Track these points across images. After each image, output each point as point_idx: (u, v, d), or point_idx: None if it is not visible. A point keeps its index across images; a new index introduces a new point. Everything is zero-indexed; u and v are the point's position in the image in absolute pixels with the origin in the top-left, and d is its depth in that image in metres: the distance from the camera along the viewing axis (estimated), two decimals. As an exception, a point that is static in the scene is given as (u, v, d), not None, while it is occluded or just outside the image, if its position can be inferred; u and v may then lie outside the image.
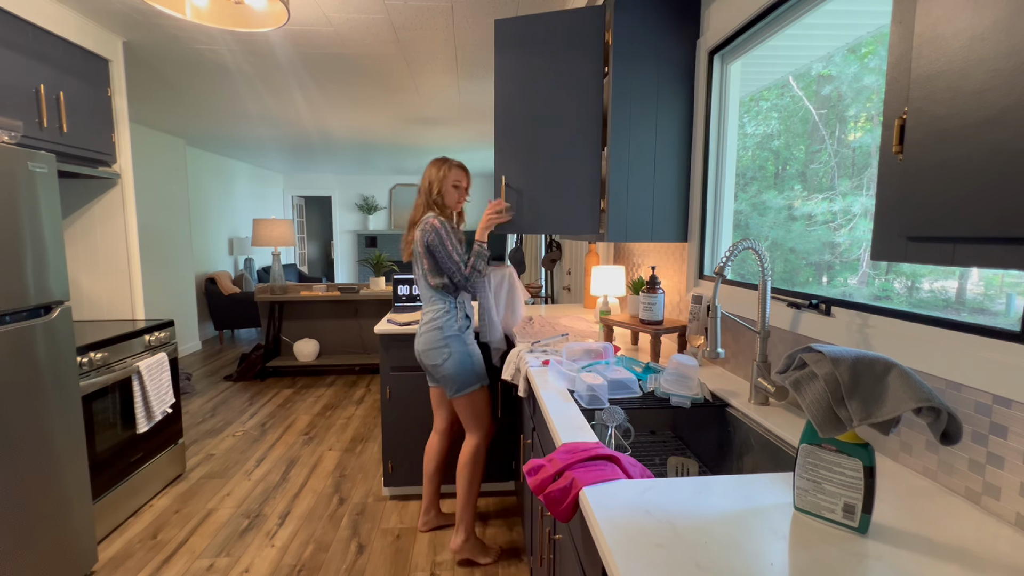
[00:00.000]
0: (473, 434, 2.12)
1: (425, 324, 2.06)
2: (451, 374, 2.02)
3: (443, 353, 2.01)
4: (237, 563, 2.13)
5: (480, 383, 2.08)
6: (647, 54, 1.81)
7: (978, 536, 0.77)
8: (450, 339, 2.02)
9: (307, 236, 10.15)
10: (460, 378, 2.03)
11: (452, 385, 2.04)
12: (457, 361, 2.02)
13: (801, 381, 0.81)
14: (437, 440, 2.27)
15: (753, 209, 1.81)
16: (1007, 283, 1.01)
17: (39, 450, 1.79)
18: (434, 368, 2.04)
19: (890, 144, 0.66)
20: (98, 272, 2.75)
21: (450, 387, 2.04)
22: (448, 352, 2.01)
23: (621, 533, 0.77)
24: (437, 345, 2.02)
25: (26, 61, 2.11)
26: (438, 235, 1.95)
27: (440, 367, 2.02)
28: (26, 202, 1.76)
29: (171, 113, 4.37)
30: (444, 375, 2.03)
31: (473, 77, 3.37)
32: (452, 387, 2.04)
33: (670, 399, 1.43)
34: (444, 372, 2.02)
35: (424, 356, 2.06)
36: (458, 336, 2.04)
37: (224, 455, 3.16)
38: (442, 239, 1.96)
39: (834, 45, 1.45)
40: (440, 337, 2.02)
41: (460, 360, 2.03)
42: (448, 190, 2.07)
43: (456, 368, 2.02)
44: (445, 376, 2.03)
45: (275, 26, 1.86)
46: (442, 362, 2.02)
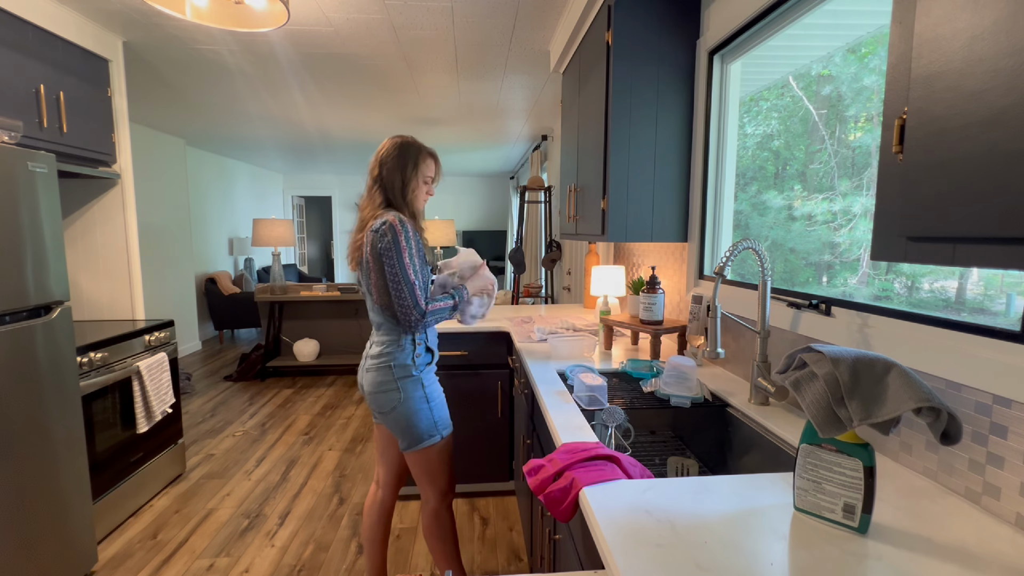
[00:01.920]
0: (430, 496, 1.68)
1: (372, 358, 1.59)
2: (404, 424, 1.58)
3: (392, 398, 1.57)
4: (237, 563, 2.13)
5: (440, 434, 1.63)
6: (647, 54, 1.81)
7: (978, 536, 0.77)
8: (403, 381, 1.57)
9: (307, 236, 10.15)
10: (414, 429, 1.59)
11: (404, 437, 1.60)
12: (412, 409, 1.57)
13: (801, 381, 0.81)
14: (380, 496, 1.80)
15: (753, 209, 1.81)
16: (1007, 283, 1.01)
17: (39, 450, 1.79)
18: (382, 416, 1.61)
19: (890, 144, 0.66)
20: (98, 272, 2.75)
21: (402, 439, 1.61)
22: (399, 397, 1.56)
23: (621, 533, 0.77)
24: (386, 387, 1.57)
25: (26, 61, 2.11)
26: (395, 242, 1.48)
27: (389, 415, 1.58)
28: (26, 202, 1.76)
29: (171, 113, 4.37)
30: (395, 424, 1.59)
31: (473, 77, 3.37)
32: (404, 439, 1.60)
33: (670, 399, 1.43)
34: (395, 421, 1.59)
35: (370, 399, 1.61)
36: (414, 378, 1.59)
37: (224, 455, 3.16)
38: (399, 247, 1.48)
39: (834, 45, 1.45)
40: (390, 378, 1.57)
41: (415, 408, 1.58)
42: (419, 186, 1.63)
43: (410, 416, 1.58)
44: (396, 426, 1.59)
45: (275, 26, 1.86)
46: (391, 409, 1.57)
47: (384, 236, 1.49)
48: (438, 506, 1.70)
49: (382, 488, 1.80)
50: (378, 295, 1.56)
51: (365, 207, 1.62)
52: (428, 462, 1.63)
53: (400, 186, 1.59)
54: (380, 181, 1.60)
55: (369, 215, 1.58)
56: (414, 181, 1.61)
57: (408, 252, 1.49)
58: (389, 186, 1.59)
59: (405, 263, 1.49)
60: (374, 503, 1.81)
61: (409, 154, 1.60)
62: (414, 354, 1.60)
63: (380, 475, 1.81)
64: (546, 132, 5.10)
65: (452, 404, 2.48)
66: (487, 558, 2.18)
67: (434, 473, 1.66)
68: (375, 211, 1.58)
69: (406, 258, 1.49)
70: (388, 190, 1.59)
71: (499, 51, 2.89)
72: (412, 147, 1.62)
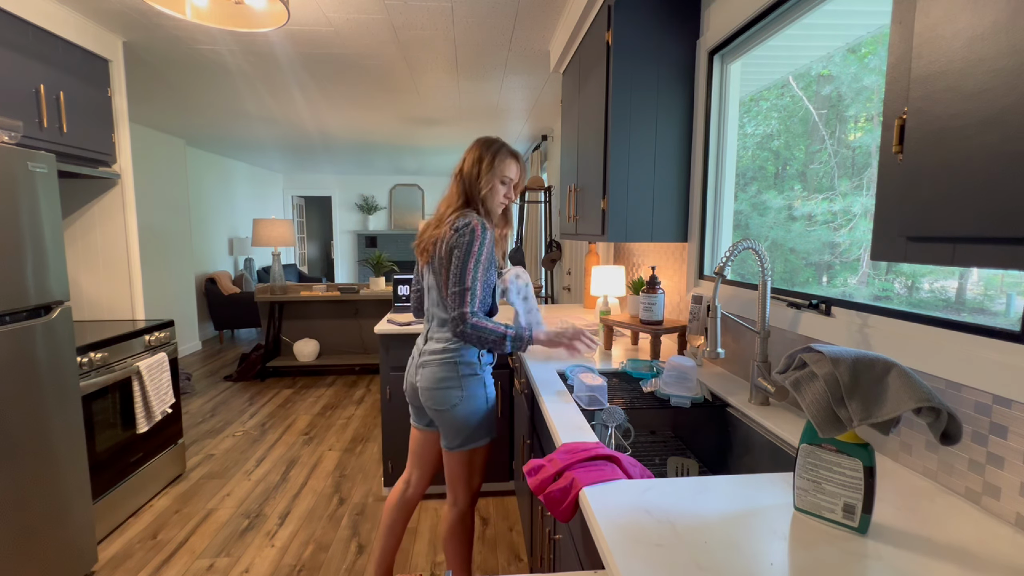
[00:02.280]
0: (459, 498, 1.65)
1: (434, 353, 1.56)
2: (460, 423, 1.56)
3: (454, 396, 1.54)
4: (237, 563, 2.13)
5: (489, 437, 1.63)
6: (647, 54, 1.81)
7: (978, 536, 0.77)
8: (468, 378, 1.55)
9: (307, 236, 10.14)
10: (469, 429, 1.57)
11: (456, 436, 1.58)
12: (471, 408, 1.56)
13: (801, 381, 0.81)
14: (410, 494, 1.78)
15: (753, 209, 1.81)
16: (1007, 283, 1.01)
17: (39, 450, 1.79)
18: (438, 413, 1.57)
19: (890, 144, 0.66)
20: (98, 272, 2.75)
21: (452, 438, 1.58)
22: (461, 395, 1.54)
23: (621, 533, 0.77)
24: (448, 384, 1.53)
25: (26, 61, 2.11)
26: (471, 243, 1.45)
27: (446, 412, 1.55)
28: (26, 202, 1.76)
29: (171, 113, 4.37)
30: (450, 423, 1.57)
31: (473, 77, 3.37)
32: (455, 439, 1.58)
33: (670, 399, 1.43)
34: (451, 419, 1.56)
35: (426, 396, 1.57)
36: (478, 376, 1.57)
37: (224, 455, 3.16)
38: (471, 249, 1.45)
39: (834, 45, 1.45)
40: (455, 374, 1.54)
41: (475, 407, 1.56)
42: (495, 186, 1.57)
43: (468, 416, 1.56)
44: (451, 424, 1.57)
45: (275, 26, 1.86)
46: (451, 407, 1.54)
47: (463, 236, 1.47)
48: (466, 509, 1.67)
49: (412, 488, 1.79)
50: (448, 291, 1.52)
51: (444, 203, 1.60)
52: (471, 463, 1.62)
53: (474, 179, 1.55)
54: (460, 176, 1.58)
55: (447, 212, 1.56)
56: (488, 176, 1.55)
57: (478, 256, 1.46)
58: (467, 180, 1.56)
59: (469, 265, 1.46)
60: (402, 501, 1.79)
61: (488, 150, 1.57)
62: (480, 352, 1.58)
63: (413, 476, 1.78)
64: (546, 132, 5.10)
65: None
66: (487, 558, 2.18)
67: (472, 475, 1.64)
68: (453, 208, 1.55)
69: (473, 262, 1.46)
70: (466, 184, 1.56)
71: (499, 51, 2.89)
72: (494, 144, 1.59)
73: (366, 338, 4.91)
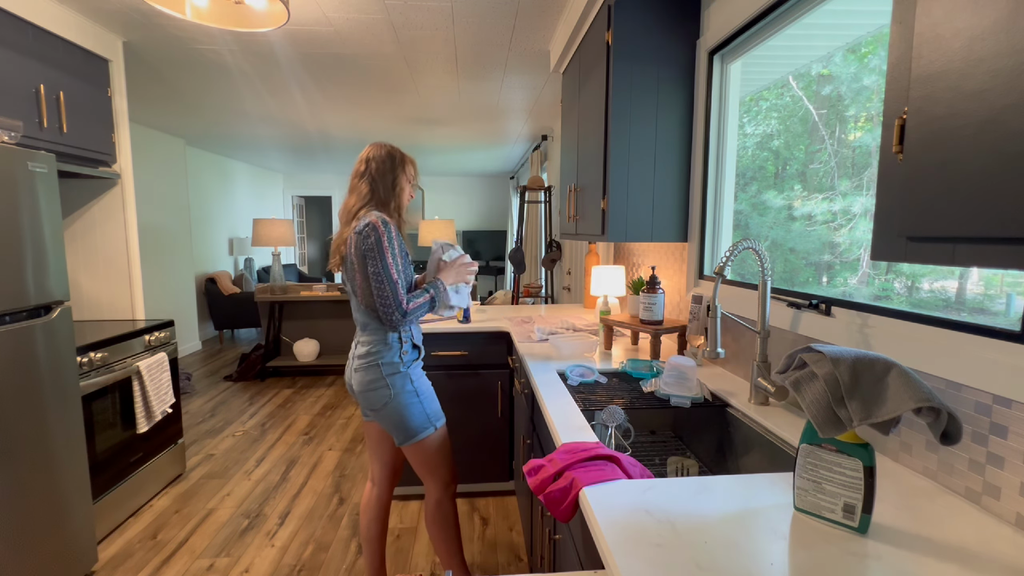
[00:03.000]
0: (432, 487, 1.72)
1: (360, 358, 1.62)
2: (397, 419, 1.61)
3: (383, 395, 1.60)
4: (237, 563, 2.13)
5: (434, 426, 1.67)
6: (647, 54, 1.81)
7: (978, 536, 0.77)
8: (392, 377, 1.61)
9: (307, 236, 10.14)
10: (408, 423, 1.62)
11: (399, 432, 1.63)
12: (402, 403, 1.61)
13: (801, 381, 0.81)
14: (376, 493, 1.82)
15: (753, 209, 1.81)
16: (1007, 283, 1.01)
17: (39, 450, 1.79)
18: (375, 413, 1.64)
19: (890, 144, 0.66)
20: (98, 272, 2.75)
21: (398, 434, 1.64)
22: (389, 393, 1.60)
23: (621, 533, 0.77)
24: (376, 386, 1.60)
25: (26, 61, 2.11)
26: (379, 241, 1.51)
27: (381, 412, 1.62)
28: (26, 202, 1.76)
29: (171, 113, 4.37)
30: (388, 421, 1.63)
31: (473, 77, 3.37)
32: (400, 434, 1.64)
33: (670, 399, 1.43)
34: (388, 417, 1.62)
35: (362, 399, 1.64)
36: (402, 374, 1.62)
37: (224, 455, 3.16)
38: (382, 247, 1.51)
39: (834, 45, 1.45)
40: (378, 376, 1.60)
41: (406, 402, 1.61)
42: (405, 186, 1.70)
43: (401, 411, 1.61)
44: (390, 422, 1.63)
45: (275, 26, 1.86)
46: (383, 406, 1.61)
47: (367, 237, 1.52)
48: (441, 496, 1.73)
49: (377, 485, 1.83)
50: (363, 295, 1.59)
51: (349, 203, 1.66)
52: (426, 454, 1.67)
53: (391, 182, 1.66)
54: (368, 176, 1.65)
55: (353, 210, 1.63)
56: (403, 179, 1.69)
57: (391, 252, 1.53)
58: (380, 180, 1.65)
59: (388, 263, 1.52)
60: (370, 500, 1.83)
61: (397, 155, 1.69)
62: (401, 351, 1.63)
63: (374, 472, 1.83)
64: (546, 132, 5.10)
65: (452, 404, 2.48)
66: (487, 558, 2.18)
67: (433, 464, 1.70)
68: (360, 206, 1.63)
69: (388, 258, 1.52)
70: (378, 184, 1.65)
71: (499, 51, 2.89)
72: (398, 150, 1.71)
73: (366, 338, 4.90)
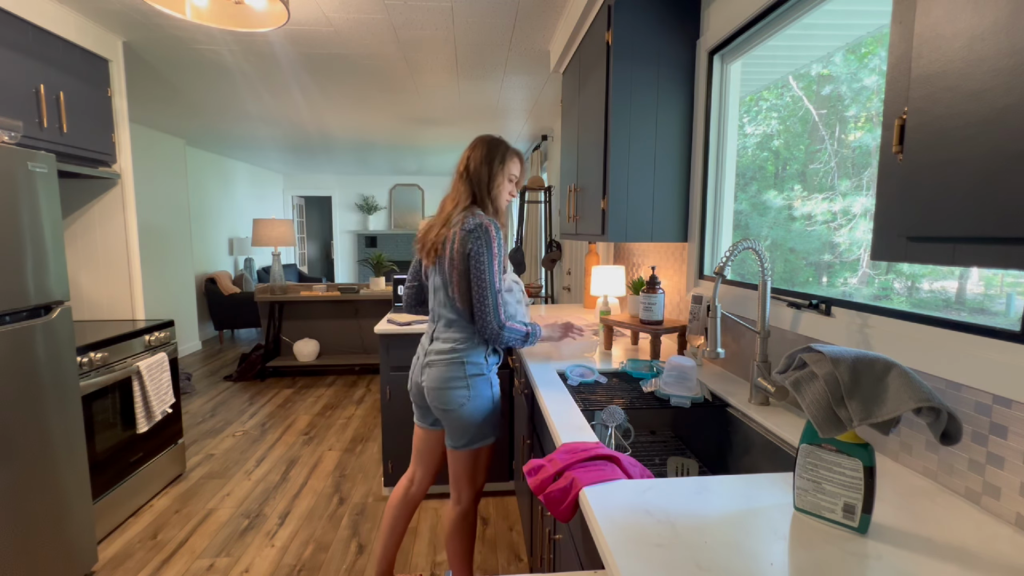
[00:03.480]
0: (463, 495, 1.68)
1: (440, 354, 1.57)
2: (466, 423, 1.57)
3: (461, 396, 1.55)
4: (237, 563, 2.13)
5: (495, 436, 1.65)
6: (647, 54, 1.81)
7: (978, 536, 0.77)
8: (474, 378, 1.56)
9: (307, 236, 10.14)
10: (475, 429, 1.58)
11: (462, 436, 1.59)
12: (477, 408, 1.57)
13: (801, 381, 0.81)
14: (412, 492, 1.79)
15: (753, 209, 1.81)
16: (1007, 283, 1.01)
17: (39, 450, 1.79)
18: (445, 412, 1.58)
19: (890, 144, 0.66)
20: (98, 272, 2.74)
21: (459, 437, 1.60)
22: (468, 395, 1.55)
23: (621, 533, 0.77)
24: (455, 384, 1.54)
25: (26, 61, 2.11)
26: (488, 245, 1.47)
27: (454, 412, 1.56)
28: (26, 202, 1.76)
29: (171, 113, 4.37)
30: (456, 422, 1.58)
31: (473, 77, 3.37)
32: (461, 438, 1.59)
33: (670, 399, 1.43)
34: (458, 419, 1.57)
35: (433, 396, 1.57)
36: (485, 377, 1.58)
37: (224, 455, 3.16)
38: (491, 253, 1.48)
39: (834, 45, 1.45)
40: (462, 374, 1.55)
41: (481, 407, 1.57)
42: (504, 183, 1.61)
43: (474, 415, 1.57)
44: (458, 424, 1.58)
45: (275, 26, 1.86)
46: (458, 407, 1.55)
47: (478, 239, 1.48)
48: (469, 507, 1.70)
49: (416, 485, 1.80)
50: (460, 296, 1.54)
51: (450, 202, 1.60)
52: (475, 462, 1.65)
53: (487, 180, 1.58)
54: (467, 175, 1.59)
55: (455, 211, 1.56)
56: (500, 177, 1.59)
57: (498, 260, 1.50)
58: (476, 181, 1.58)
59: (495, 270, 1.49)
60: (404, 498, 1.80)
61: (497, 150, 1.60)
62: (487, 352, 1.60)
63: (417, 475, 1.80)
64: (546, 132, 5.10)
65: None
66: (487, 558, 2.18)
67: (476, 474, 1.67)
68: (462, 207, 1.56)
69: (496, 266, 1.49)
70: (474, 184, 1.58)
71: (499, 51, 2.89)
72: (500, 144, 1.62)
73: (366, 338, 4.91)
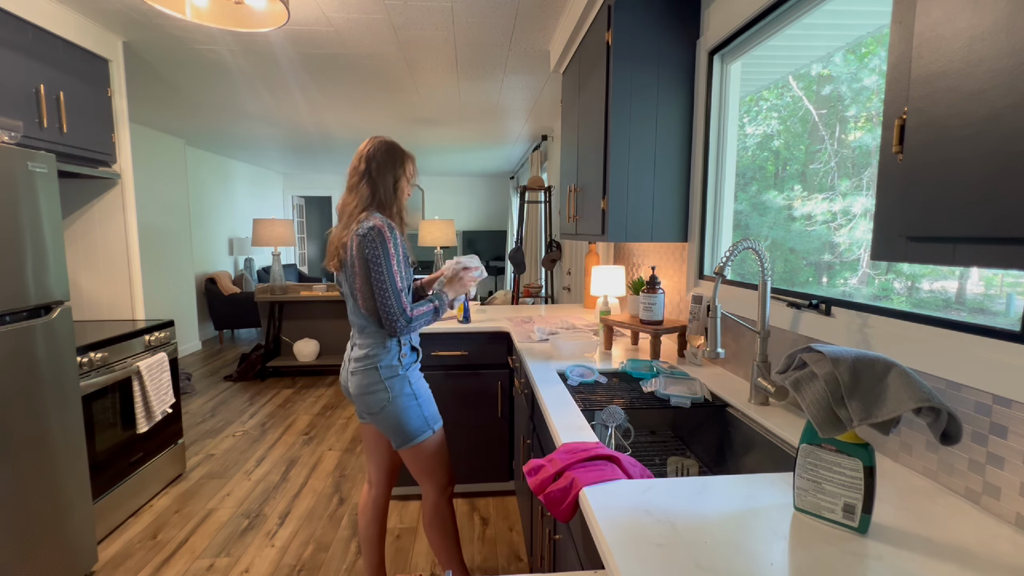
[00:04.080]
0: (429, 490, 1.70)
1: (358, 360, 1.60)
2: (394, 423, 1.60)
3: (381, 398, 1.58)
4: (237, 563, 2.13)
5: (432, 429, 1.65)
6: (647, 54, 1.81)
7: (978, 536, 0.77)
8: (390, 380, 1.59)
9: (307, 236, 10.14)
10: (405, 427, 1.60)
11: (397, 435, 1.62)
12: (401, 406, 1.59)
13: (801, 381, 0.81)
14: (373, 495, 1.81)
15: (753, 209, 1.81)
16: (1007, 283, 1.01)
17: (39, 450, 1.79)
18: (372, 416, 1.62)
19: (890, 144, 0.66)
20: (98, 272, 2.75)
21: (395, 438, 1.62)
22: (388, 396, 1.58)
23: (621, 533, 0.77)
24: (373, 389, 1.58)
25: (26, 61, 2.11)
26: (383, 246, 1.48)
27: (379, 415, 1.60)
28: (26, 202, 1.76)
29: (171, 113, 4.37)
30: (386, 424, 1.61)
31: (473, 77, 3.37)
32: (397, 438, 1.62)
33: (670, 399, 1.43)
34: (385, 421, 1.60)
35: (359, 402, 1.62)
36: (400, 376, 1.60)
37: (224, 455, 3.16)
38: (387, 253, 1.49)
39: (834, 45, 1.45)
40: (376, 379, 1.58)
41: (404, 405, 1.59)
42: (405, 186, 1.65)
43: (399, 414, 1.59)
44: (387, 425, 1.61)
45: (275, 26, 1.86)
46: (381, 409, 1.59)
47: (372, 242, 1.49)
48: (438, 500, 1.71)
49: (375, 487, 1.81)
50: (363, 300, 1.56)
51: (348, 203, 1.60)
52: (424, 457, 1.66)
53: (392, 183, 1.62)
54: (368, 176, 1.59)
55: (354, 212, 1.57)
56: (403, 180, 1.65)
57: (396, 258, 1.51)
58: (380, 182, 1.60)
59: (393, 270, 1.50)
60: (368, 502, 1.82)
61: (397, 153, 1.64)
62: (399, 354, 1.61)
63: (371, 474, 1.81)
64: (546, 132, 5.10)
65: (452, 404, 2.48)
66: (487, 558, 2.18)
67: (431, 468, 1.68)
68: (361, 208, 1.57)
69: (393, 264, 1.50)
70: (378, 186, 1.60)
71: (499, 51, 2.89)
72: (398, 147, 1.65)
73: (366, 338, 4.90)
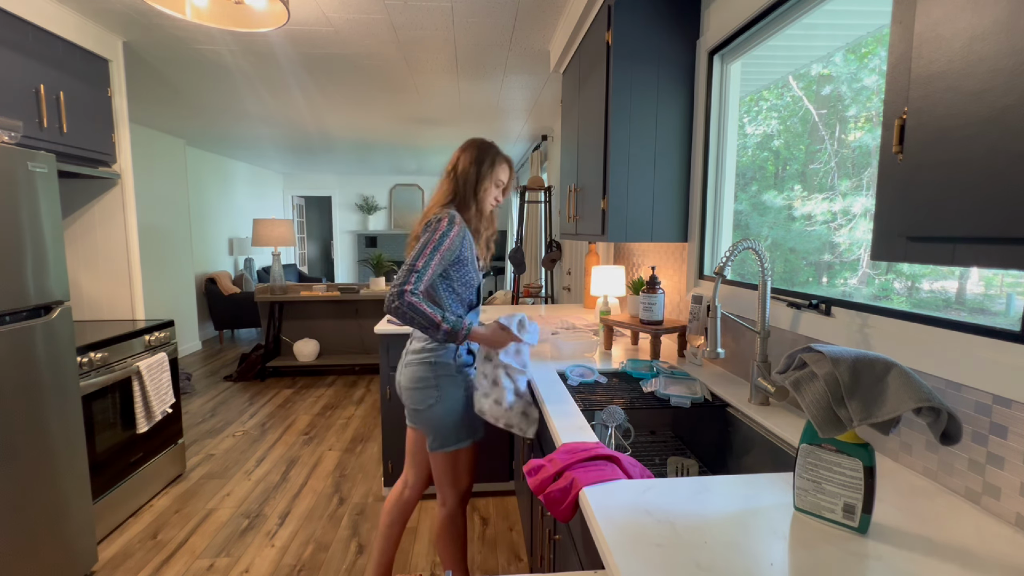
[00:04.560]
0: (448, 497, 1.67)
1: (414, 353, 1.58)
2: (437, 424, 1.58)
3: (430, 396, 1.56)
4: (237, 563, 2.13)
5: (471, 439, 1.63)
6: (647, 54, 1.81)
7: (978, 536, 0.77)
8: (443, 379, 1.56)
9: (307, 236, 10.14)
10: (447, 431, 1.58)
11: (435, 437, 1.59)
12: (447, 409, 1.57)
13: (801, 381, 0.81)
14: (406, 496, 1.78)
15: (753, 209, 1.81)
16: (1007, 283, 1.01)
17: (39, 450, 1.79)
18: (416, 413, 1.60)
19: (890, 144, 0.66)
20: (98, 272, 2.74)
21: (432, 439, 1.60)
22: (437, 395, 1.56)
23: (621, 533, 0.77)
24: (425, 384, 1.56)
25: (26, 61, 2.11)
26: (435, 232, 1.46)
27: (423, 412, 1.58)
28: (26, 202, 1.76)
29: (171, 113, 4.37)
30: (427, 423, 1.59)
31: (473, 77, 3.37)
32: (435, 440, 1.60)
33: (670, 399, 1.43)
34: (428, 420, 1.58)
35: (406, 395, 1.60)
36: (454, 376, 1.58)
37: (224, 455, 3.16)
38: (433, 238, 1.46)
39: (834, 45, 1.45)
40: (430, 375, 1.56)
41: (451, 408, 1.57)
42: (491, 187, 1.61)
43: (444, 417, 1.57)
44: (429, 425, 1.59)
45: (275, 26, 1.86)
46: (427, 407, 1.57)
47: (429, 225, 1.49)
48: (455, 509, 1.68)
49: (410, 489, 1.79)
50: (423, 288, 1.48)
51: (433, 198, 1.62)
52: (454, 464, 1.63)
53: (474, 181, 1.59)
54: (453, 174, 1.60)
55: (432, 207, 1.58)
56: (487, 180, 1.60)
57: (438, 246, 1.45)
58: (462, 179, 1.59)
59: (426, 251, 1.44)
60: (399, 501, 1.79)
61: (487, 153, 1.61)
62: (456, 353, 1.58)
63: (409, 477, 1.79)
64: (546, 132, 5.10)
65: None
66: (487, 558, 2.18)
67: (458, 476, 1.65)
68: (439, 204, 1.58)
69: (429, 248, 1.45)
70: (460, 183, 1.59)
71: (499, 51, 2.89)
72: (492, 148, 1.63)
73: (366, 338, 4.91)
